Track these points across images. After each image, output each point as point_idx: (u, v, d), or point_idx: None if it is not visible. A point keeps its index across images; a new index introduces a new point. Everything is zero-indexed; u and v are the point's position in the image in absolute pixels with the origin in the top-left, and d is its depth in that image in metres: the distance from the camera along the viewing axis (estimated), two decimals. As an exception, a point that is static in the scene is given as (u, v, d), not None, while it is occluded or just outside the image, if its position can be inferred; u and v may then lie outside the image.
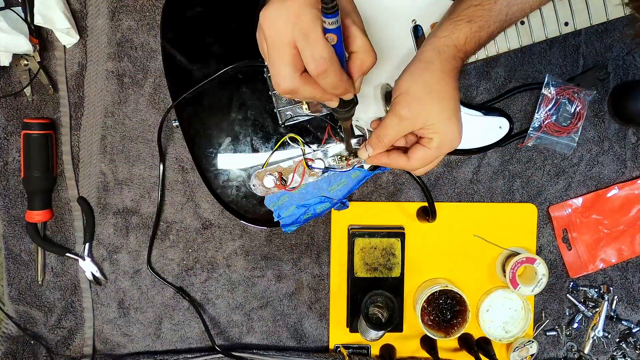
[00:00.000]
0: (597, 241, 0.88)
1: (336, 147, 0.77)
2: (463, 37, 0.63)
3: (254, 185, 0.76)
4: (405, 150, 0.67)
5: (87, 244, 0.85)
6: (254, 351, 0.87)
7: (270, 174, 0.76)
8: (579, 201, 0.87)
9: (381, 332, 0.80)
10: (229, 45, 0.75)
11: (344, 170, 0.77)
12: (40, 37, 0.81)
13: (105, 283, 0.87)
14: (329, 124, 0.76)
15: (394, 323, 0.77)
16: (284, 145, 0.77)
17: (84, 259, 0.85)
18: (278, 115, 0.76)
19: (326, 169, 0.77)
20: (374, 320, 0.79)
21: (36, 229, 0.84)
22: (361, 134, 0.76)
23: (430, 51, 0.64)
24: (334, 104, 0.58)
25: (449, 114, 0.64)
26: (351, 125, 0.71)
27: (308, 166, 0.77)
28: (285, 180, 0.77)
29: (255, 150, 0.77)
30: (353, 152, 0.75)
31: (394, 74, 0.76)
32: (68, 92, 0.83)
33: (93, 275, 0.86)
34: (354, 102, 0.59)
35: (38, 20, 0.78)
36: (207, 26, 0.75)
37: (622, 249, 0.88)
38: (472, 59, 0.75)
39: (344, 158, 0.77)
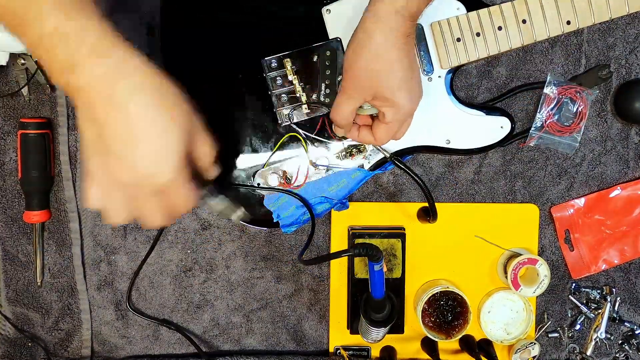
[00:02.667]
0: (599, 242, 0.87)
1: (339, 144, 0.76)
2: None
3: (257, 184, 0.76)
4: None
5: None
6: (251, 358, 0.86)
7: (274, 173, 0.76)
8: (581, 202, 0.86)
9: (382, 333, 0.79)
10: (228, 43, 0.75)
11: (348, 168, 0.77)
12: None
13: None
14: (322, 117, 0.76)
15: (394, 319, 0.76)
16: (285, 145, 0.76)
17: None
18: (278, 116, 0.76)
19: (330, 166, 0.77)
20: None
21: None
22: None
23: (371, 20, 0.61)
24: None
25: (397, 84, 0.63)
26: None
27: (312, 164, 0.76)
28: (289, 179, 0.77)
29: (254, 150, 0.77)
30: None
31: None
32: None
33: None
34: None
35: None
36: (206, 24, 0.75)
37: (624, 249, 0.87)
38: (473, 57, 0.74)
39: (348, 154, 0.77)
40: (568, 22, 0.74)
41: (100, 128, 0.51)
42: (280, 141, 0.76)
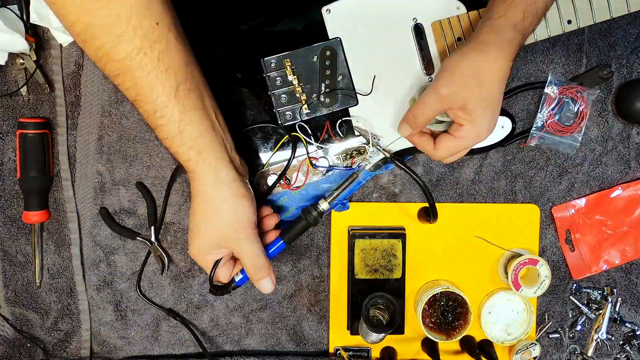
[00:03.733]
0: (600, 242, 0.87)
1: (339, 146, 0.76)
2: (520, 12, 0.60)
3: (258, 185, 0.76)
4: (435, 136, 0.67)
5: (153, 227, 0.84)
6: (251, 358, 0.86)
7: (274, 173, 0.76)
8: (582, 202, 0.86)
9: (382, 335, 0.79)
10: (228, 43, 0.75)
11: (348, 169, 0.76)
12: (37, 35, 0.81)
13: (166, 269, 0.86)
14: (328, 121, 0.75)
15: (395, 325, 0.76)
16: (285, 145, 0.76)
17: (152, 243, 0.84)
18: (277, 116, 0.75)
19: (330, 167, 0.76)
20: (375, 322, 0.78)
21: (108, 212, 0.84)
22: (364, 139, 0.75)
23: (488, 33, 0.61)
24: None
25: (487, 103, 0.62)
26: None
27: (312, 165, 0.76)
28: (289, 180, 0.76)
29: (254, 150, 0.76)
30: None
31: (394, 73, 0.75)
32: (64, 91, 0.82)
33: (161, 259, 0.85)
34: None
35: (34, 19, 0.77)
36: (206, 23, 0.74)
37: (625, 250, 0.87)
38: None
39: (348, 156, 0.76)
40: (569, 22, 0.73)
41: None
42: (281, 142, 0.76)
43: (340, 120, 0.75)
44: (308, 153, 0.76)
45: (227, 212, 0.65)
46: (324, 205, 0.72)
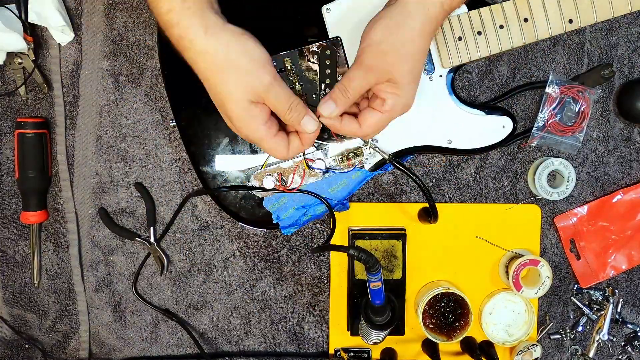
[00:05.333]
0: (605, 248, 0.86)
1: (336, 147, 0.76)
2: None
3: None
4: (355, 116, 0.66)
5: (152, 228, 0.84)
6: (251, 359, 0.86)
7: (269, 175, 0.75)
8: (584, 209, 0.86)
9: (382, 335, 0.79)
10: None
11: (344, 170, 0.76)
12: (35, 35, 0.80)
13: (166, 270, 0.85)
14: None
15: (395, 323, 0.75)
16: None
17: (151, 244, 0.84)
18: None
19: (327, 170, 0.76)
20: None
21: (107, 213, 0.83)
22: None
23: (415, 5, 0.61)
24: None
25: (413, 76, 0.63)
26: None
27: (308, 166, 0.76)
28: (285, 181, 0.76)
29: (254, 151, 0.76)
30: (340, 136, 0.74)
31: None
32: (63, 90, 0.82)
33: (160, 260, 0.84)
34: None
35: (32, 18, 0.77)
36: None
37: (632, 254, 0.86)
38: (474, 56, 0.74)
39: (344, 158, 0.76)
40: (570, 21, 0.73)
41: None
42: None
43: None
44: (304, 154, 0.75)
45: (237, 57, 0.60)
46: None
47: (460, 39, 0.74)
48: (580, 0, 0.72)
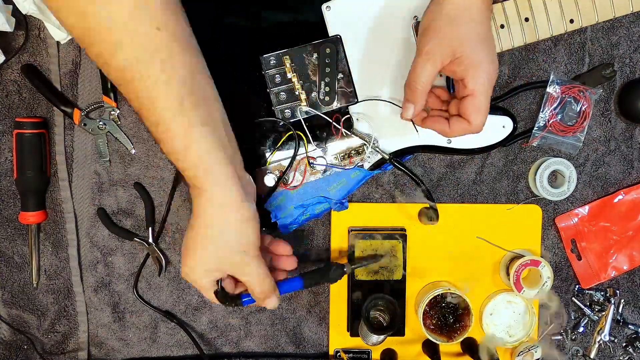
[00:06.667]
0: (607, 248, 0.86)
1: (337, 145, 0.75)
2: None
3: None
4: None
5: (150, 228, 0.83)
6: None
7: (270, 173, 0.75)
8: (585, 210, 0.85)
9: (382, 337, 0.78)
10: (227, 40, 0.74)
11: (346, 168, 0.76)
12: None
13: (164, 271, 0.85)
14: (336, 114, 0.75)
15: (396, 327, 0.75)
16: (284, 144, 0.75)
17: (149, 244, 0.84)
18: (276, 114, 0.75)
19: (329, 166, 0.75)
20: (375, 324, 0.77)
21: (106, 213, 0.83)
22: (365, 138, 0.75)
23: None
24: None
25: (478, 37, 0.59)
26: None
27: (310, 164, 0.75)
28: (286, 179, 0.76)
29: (253, 149, 0.76)
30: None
31: (394, 72, 0.75)
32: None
33: (158, 261, 0.84)
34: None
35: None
36: (205, 21, 0.74)
37: (633, 255, 0.86)
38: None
39: (346, 156, 0.76)
40: (571, 21, 0.73)
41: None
42: (282, 140, 0.75)
43: (342, 117, 0.75)
44: (307, 152, 0.75)
45: (232, 235, 0.62)
46: (347, 269, 0.72)
47: (460, 38, 0.73)
48: (582, 0, 0.72)
